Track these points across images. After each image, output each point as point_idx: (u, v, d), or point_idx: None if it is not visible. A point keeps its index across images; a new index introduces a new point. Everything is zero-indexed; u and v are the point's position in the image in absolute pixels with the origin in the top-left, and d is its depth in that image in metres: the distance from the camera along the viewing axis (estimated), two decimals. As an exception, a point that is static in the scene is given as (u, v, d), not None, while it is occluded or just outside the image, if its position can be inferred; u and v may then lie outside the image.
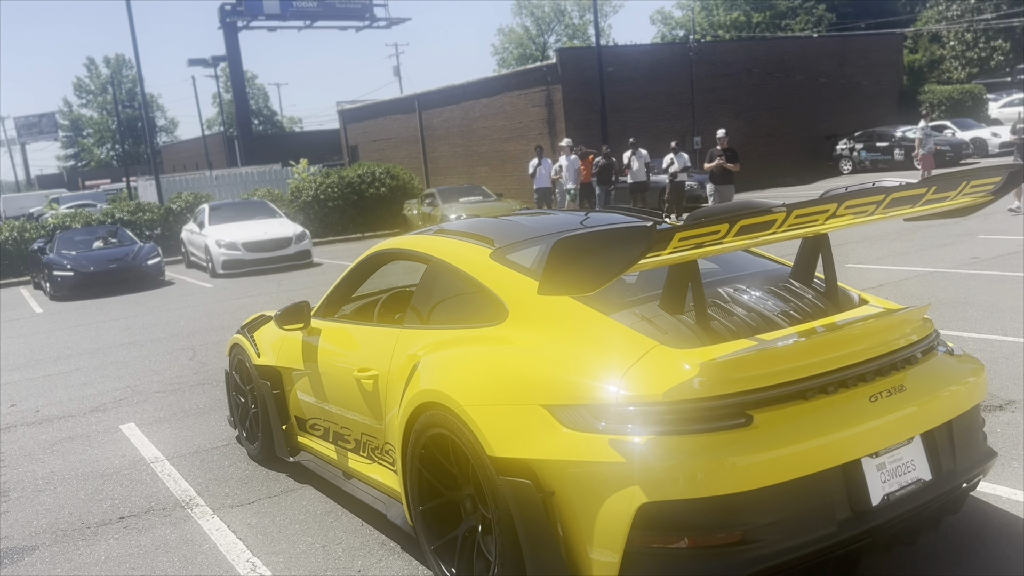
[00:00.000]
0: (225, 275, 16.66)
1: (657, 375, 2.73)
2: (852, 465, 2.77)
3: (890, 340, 3.01)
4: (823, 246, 3.39)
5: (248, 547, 4.04)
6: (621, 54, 29.40)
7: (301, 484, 4.84)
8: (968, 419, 3.14)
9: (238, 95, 47.46)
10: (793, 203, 2.76)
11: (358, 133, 38.93)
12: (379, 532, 4.07)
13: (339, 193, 23.61)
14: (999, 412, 4.78)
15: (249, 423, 5.36)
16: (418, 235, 4.34)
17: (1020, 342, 6.18)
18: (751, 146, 29.78)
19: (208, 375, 7.89)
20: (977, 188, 3.20)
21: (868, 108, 32.83)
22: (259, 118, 78.03)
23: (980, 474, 3.20)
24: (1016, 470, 4.02)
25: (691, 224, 2.58)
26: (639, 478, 2.60)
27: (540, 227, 3.97)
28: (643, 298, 3.19)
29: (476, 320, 3.46)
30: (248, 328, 5.44)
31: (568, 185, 18.51)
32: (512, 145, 28.64)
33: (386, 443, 3.90)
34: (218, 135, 59.53)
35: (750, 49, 32.66)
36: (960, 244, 11.15)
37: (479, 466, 3.00)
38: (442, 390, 3.21)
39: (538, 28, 69.43)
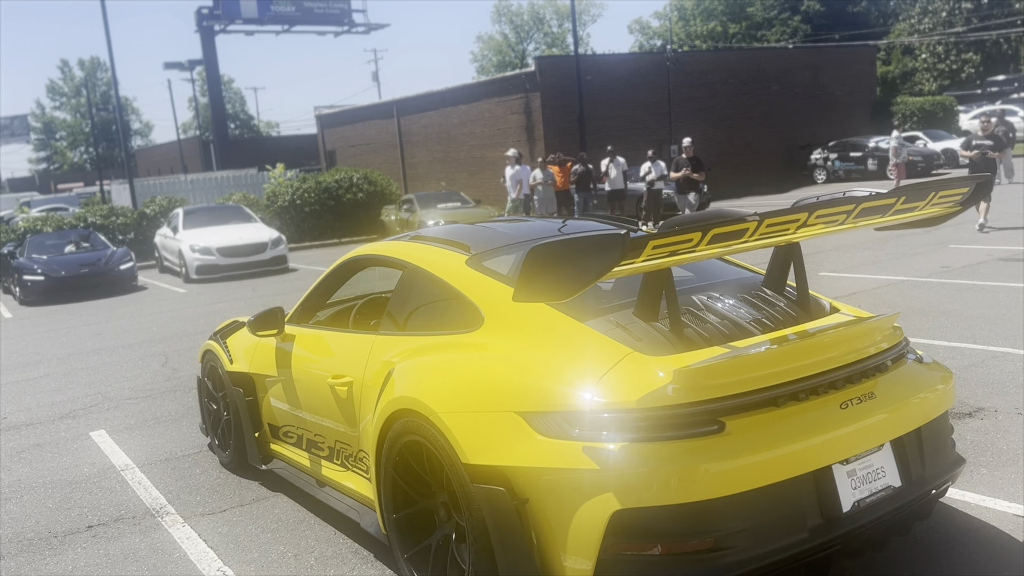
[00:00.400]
0: (199, 280, 16.51)
1: (631, 382, 2.74)
2: (823, 472, 2.79)
3: (860, 348, 3.05)
4: (795, 255, 3.42)
5: (219, 556, 3.99)
6: (599, 63, 29.55)
7: (273, 492, 4.80)
8: (937, 426, 3.18)
9: (214, 99, 47.15)
10: (765, 212, 2.78)
11: (336, 138, 38.79)
12: (352, 541, 4.04)
13: (316, 198, 23.50)
14: (968, 419, 4.84)
15: (221, 430, 5.30)
16: (394, 241, 4.32)
17: (989, 350, 6.27)
18: (728, 155, 30.04)
19: (180, 382, 7.81)
20: (945, 199, 3.25)
21: (842, 118, 33.23)
22: (235, 122, 77.58)
23: (949, 480, 3.24)
24: (984, 476, 4.07)
25: (665, 232, 2.59)
26: (613, 485, 2.61)
27: (516, 234, 3.97)
28: (618, 305, 3.20)
29: (451, 327, 3.46)
30: (221, 334, 5.39)
31: (511, 195, 18.47)
32: (491, 152, 28.67)
33: (360, 450, 3.88)
34: (194, 139, 59.09)
35: (727, 59, 32.96)
36: (931, 253, 11.31)
37: (453, 474, 2.99)
38: (417, 397, 3.20)
39: (517, 36, 69.68)
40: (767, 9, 58.91)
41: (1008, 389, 5.34)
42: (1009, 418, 4.83)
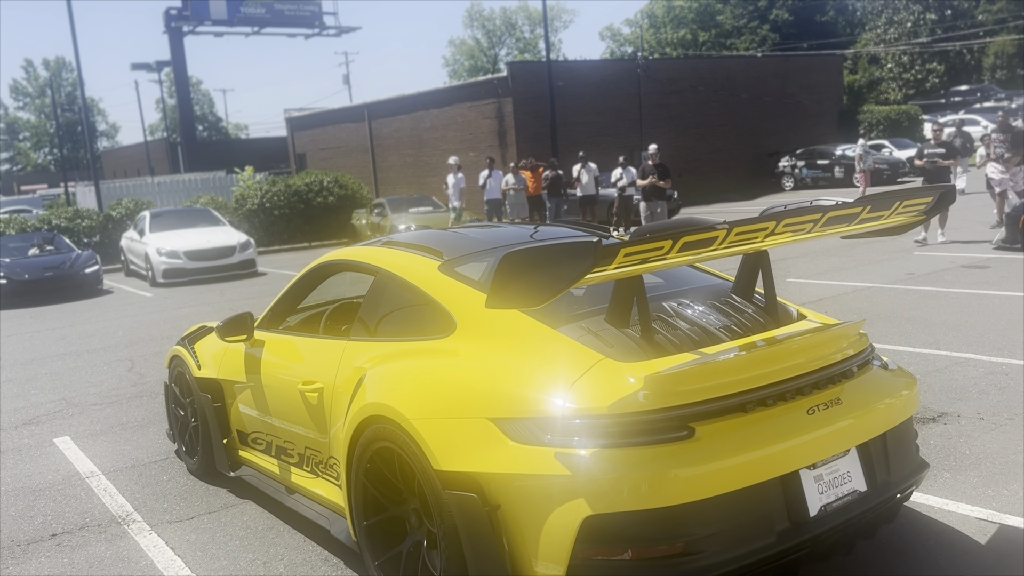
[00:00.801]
0: (166, 284, 16.31)
1: (603, 388, 2.76)
2: (790, 477, 2.83)
3: (827, 354, 3.09)
4: (763, 262, 3.47)
5: (187, 564, 3.94)
6: (571, 69, 29.68)
7: (242, 499, 4.75)
8: (902, 431, 3.24)
9: (182, 101, 46.66)
10: (734, 221, 2.82)
11: (306, 141, 38.54)
12: (322, 548, 4.01)
13: (286, 201, 23.32)
14: (932, 424, 4.93)
15: (189, 437, 5.24)
16: (366, 246, 4.31)
17: (952, 356, 6.39)
18: (697, 162, 30.31)
19: (147, 387, 7.70)
20: (910, 208, 3.32)
21: (810, 127, 33.68)
22: (203, 124, 76.80)
23: (913, 485, 3.30)
24: (948, 481, 4.15)
25: (636, 240, 2.62)
26: (584, 491, 2.62)
27: (489, 240, 3.98)
28: (590, 312, 3.22)
29: (424, 333, 3.45)
30: (189, 339, 5.33)
31: (454, 203, 18.32)
32: (463, 156, 28.54)
33: (330, 457, 3.85)
34: (161, 141, 58.40)
35: (696, 67, 33.27)
36: (896, 260, 11.50)
37: (425, 480, 2.99)
38: (388, 403, 3.19)
39: (489, 41, 69.76)
40: (736, 18, 59.59)
41: (971, 394, 5.45)
42: (971, 423, 4.92)
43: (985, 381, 5.71)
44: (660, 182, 15.30)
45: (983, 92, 42.99)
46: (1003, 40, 50.44)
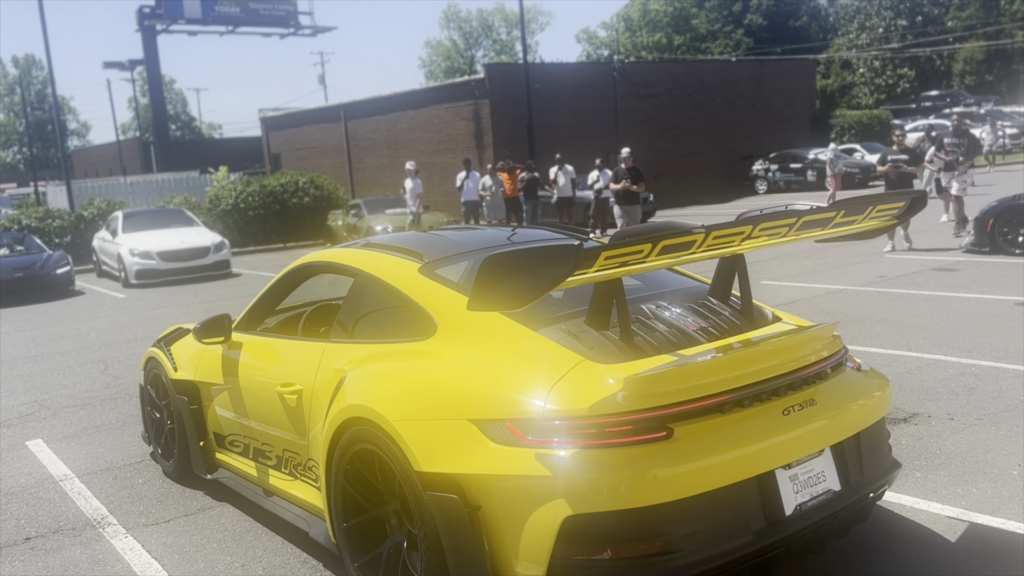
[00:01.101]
0: (139, 285, 16.14)
1: (583, 390, 2.79)
2: (766, 476, 2.87)
3: (802, 356, 3.14)
4: (739, 265, 3.52)
5: (164, 567, 3.92)
6: (548, 71, 29.76)
7: (219, 502, 4.73)
8: (874, 432, 3.30)
9: (155, 100, 46.17)
10: (711, 225, 2.86)
11: (281, 141, 38.29)
12: (300, 550, 4.01)
13: (260, 202, 23.18)
14: (904, 424, 5.02)
15: (165, 439, 5.21)
16: (345, 248, 4.31)
17: (923, 357, 6.50)
18: (672, 165, 30.50)
19: (120, 389, 7.63)
20: (882, 212, 3.38)
21: (783, 130, 34.01)
22: (176, 123, 76.06)
23: (886, 484, 3.36)
24: (919, 480, 4.23)
25: (616, 243, 2.65)
26: (564, 491, 2.65)
27: (469, 242, 4.00)
28: (569, 314, 3.25)
29: (404, 335, 3.46)
30: (165, 341, 5.30)
31: (411, 208, 18.17)
32: (440, 158, 28.63)
33: (309, 459, 3.85)
34: (133, 140, 57.75)
35: (672, 71, 33.49)
36: (867, 263, 11.66)
37: (406, 482, 3.00)
38: (369, 405, 3.20)
39: (466, 42, 69.75)
40: (711, 22, 60.07)
41: (941, 395, 5.55)
42: (941, 423, 5.02)
43: (955, 382, 5.82)
44: (633, 186, 15.11)
45: (952, 97, 43.68)
46: (972, 46, 51.31)
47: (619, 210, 15.50)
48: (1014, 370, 5.97)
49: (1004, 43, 50.59)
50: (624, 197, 15.26)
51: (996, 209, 11.49)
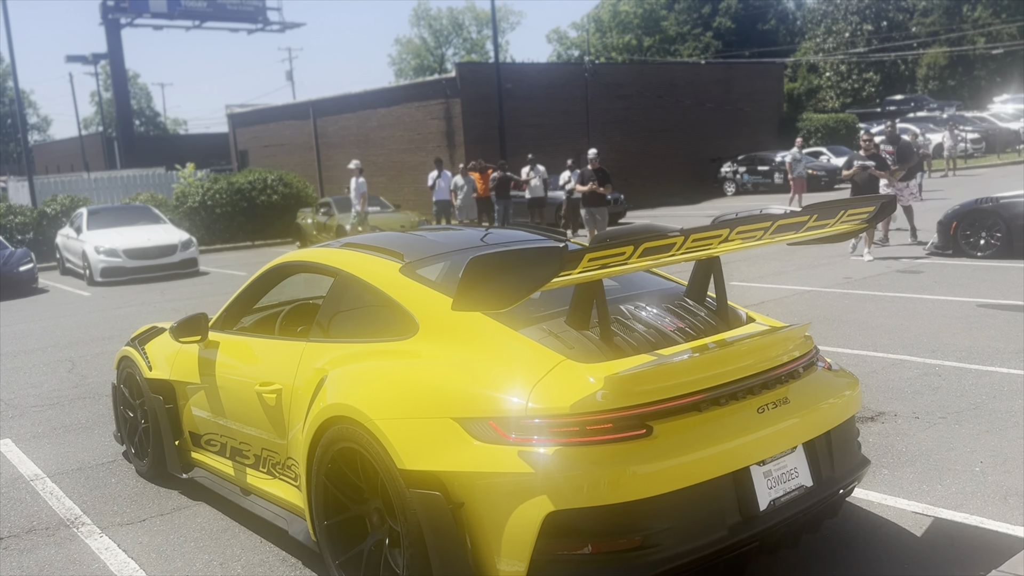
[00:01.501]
0: (104, 283, 15.91)
1: (564, 388, 2.84)
2: (742, 472, 2.95)
3: (775, 356, 3.23)
4: (715, 268, 3.60)
5: (141, 566, 3.91)
6: (519, 71, 29.83)
7: (195, 501, 4.72)
8: (845, 429, 3.40)
9: (119, 95, 45.45)
10: (690, 228, 2.93)
11: (248, 138, 37.91)
12: (279, 549, 4.01)
13: (228, 199, 22.99)
14: (871, 423, 5.15)
15: (138, 439, 5.17)
16: (325, 248, 4.32)
17: (889, 357, 6.65)
18: (642, 166, 30.74)
19: (89, 388, 7.55)
20: (853, 217, 3.48)
21: (751, 133, 34.43)
22: (141, 119, 74.96)
23: (855, 481, 3.46)
24: (886, 477, 4.35)
25: (599, 246, 2.71)
26: (547, 487, 2.70)
27: (449, 243, 4.04)
28: (550, 314, 3.31)
29: (385, 334, 3.49)
30: (139, 340, 5.27)
31: (356, 208, 17.69)
32: (410, 156, 28.58)
33: (289, 458, 3.86)
34: (96, 135, 56.82)
35: (642, 72, 33.77)
36: (834, 265, 11.87)
37: (389, 479, 3.03)
38: (352, 404, 3.22)
39: (436, 40, 69.60)
40: (680, 24, 60.60)
41: (906, 395, 5.70)
42: (907, 422, 5.16)
43: (919, 382, 5.97)
44: (600, 188, 14.58)
45: (916, 102, 44.56)
46: (935, 52, 52.35)
47: (586, 213, 14.88)
48: (976, 370, 6.14)
49: (966, 49, 51.70)
50: (591, 199, 14.76)
51: (959, 212, 11.76)
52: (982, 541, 3.61)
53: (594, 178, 14.66)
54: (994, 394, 5.57)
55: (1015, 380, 5.84)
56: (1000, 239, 11.16)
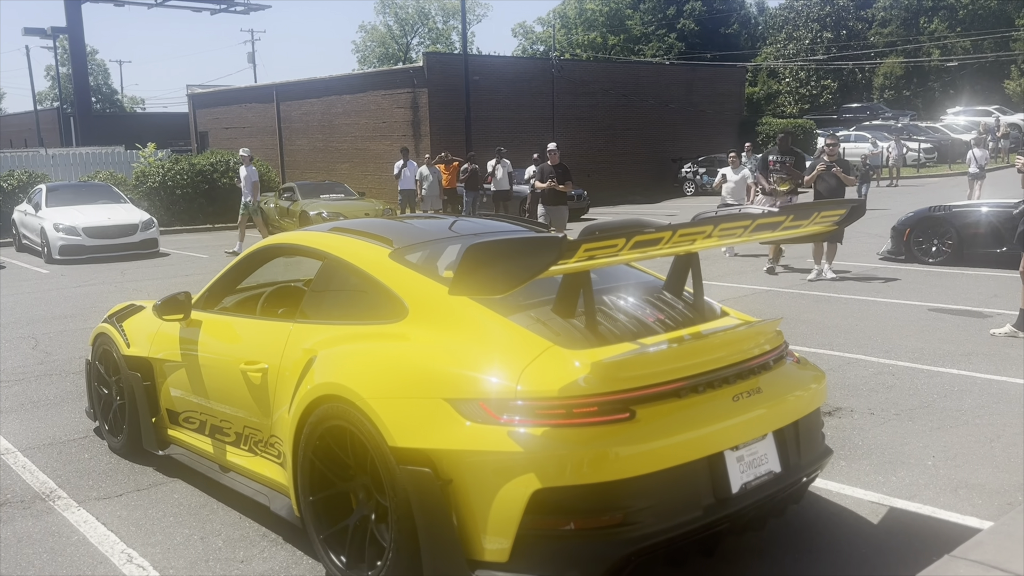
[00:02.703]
0: (62, 261, 15.63)
1: (552, 373, 2.98)
2: (716, 457, 3.12)
3: (749, 348, 3.41)
4: (694, 263, 3.77)
5: (121, 539, 3.96)
6: (487, 64, 29.88)
7: (170, 478, 4.76)
8: (811, 420, 3.59)
9: (78, 71, 44.27)
10: (677, 223, 3.08)
11: (209, 119, 37.37)
12: (259, 524, 4.09)
13: (189, 181, 22.70)
14: (829, 417, 5.38)
15: (113, 415, 5.19)
16: (313, 231, 4.40)
17: (844, 356, 6.92)
18: (606, 163, 31.02)
19: (55, 365, 7.48)
20: (826, 218, 3.68)
21: (712, 135, 34.91)
22: (98, 96, 73.26)
23: (819, 469, 3.66)
24: (844, 468, 4.57)
25: (593, 237, 2.84)
26: (534, 466, 2.84)
27: (436, 231, 4.14)
28: (537, 302, 3.43)
29: (375, 317, 3.58)
30: (116, 317, 5.27)
31: (247, 198, 16.50)
32: (375, 144, 28.45)
33: (272, 436, 3.93)
34: (52, 111, 55.36)
35: (608, 71, 34.04)
36: (792, 267, 12.18)
37: (379, 456, 3.13)
38: (343, 383, 3.31)
39: (402, 29, 69.14)
40: (645, 24, 61.12)
41: (862, 391, 5.95)
42: (863, 417, 5.40)
43: (874, 380, 6.23)
44: (560, 186, 13.14)
45: (872, 110, 45.62)
46: (892, 62, 53.61)
47: (543, 211, 13.31)
48: (928, 370, 6.43)
49: (922, 60, 53.05)
50: (550, 197, 13.35)
51: (912, 219, 12.17)
52: (934, 529, 3.84)
53: (553, 174, 13.31)
54: (944, 393, 5.85)
55: (964, 381, 6.14)
56: (951, 246, 11.59)
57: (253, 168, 16.81)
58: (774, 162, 11.70)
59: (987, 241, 11.26)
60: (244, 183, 16.67)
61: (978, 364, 6.57)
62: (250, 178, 16.56)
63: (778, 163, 11.68)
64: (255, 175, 16.72)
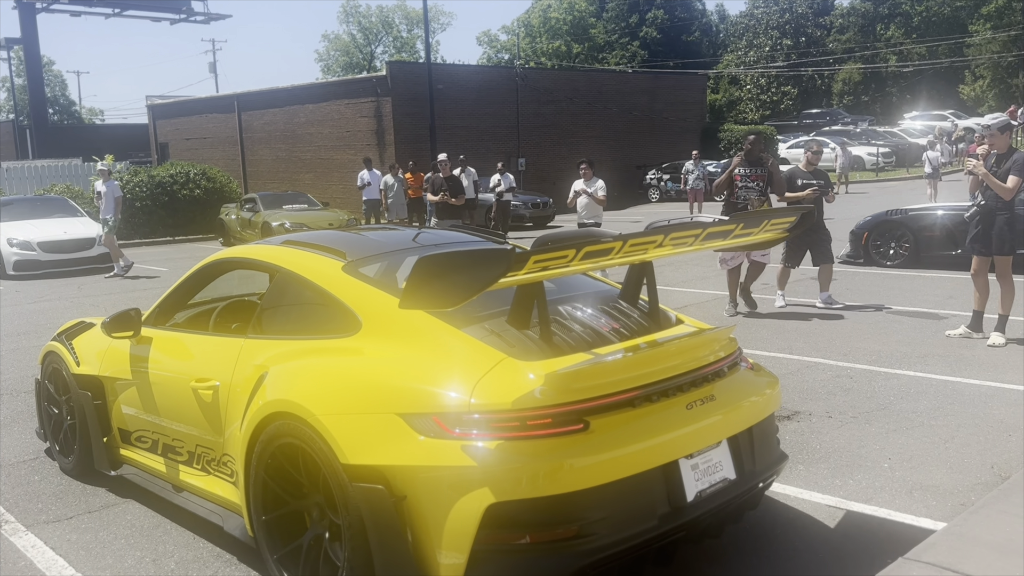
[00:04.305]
0: (17, 277, 15.29)
1: (506, 385, 2.95)
2: (671, 465, 3.11)
3: (703, 356, 3.42)
4: (648, 272, 3.77)
5: (70, 563, 3.86)
6: (451, 72, 29.88)
7: (123, 499, 4.65)
8: (766, 426, 3.61)
9: (33, 82, 43.53)
10: (627, 233, 3.08)
11: (169, 130, 36.90)
12: (213, 545, 4.01)
13: (148, 193, 22.43)
14: (787, 421, 5.42)
15: (64, 435, 5.06)
16: (264, 245, 4.34)
17: (803, 360, 6.99)
18: (571, 172, 30.97)
19: (6, 385, 7.30)
20: (776, 226, 3.70)
21: (675, 142, 35.19)
22: (55, 107, 72.02)
23: (774, 474, 3.68)
24: (801, 472, 4.60)
25: (543, 248, 2.83)
26: (488, 480, 2.81)
27: (390, 242, 4.11)
28: (491, 313, 3.41)
29: (327, 331, 3.54)
30: (66, 335, 5.15)
31: (106, 215, 15.16)
32: (339, 154, 28.29)
33: (225, 455, 3.86)
34: (7, 123, 54.31)
35: (572, 79, 34.21)
36: (754, 271, 12.30)
37: (331, 474, 3.08)
38: (294, 400, 3.26)
39: (365, 38, 68.94)
40: (608, 33, 61.61)
41: (820, 395, 6.01)
42: (821, 421, 5.45)
43: (832, 383, 6.30)
44: (452, 199, 12.66)
45: (831, 116, 46.38)
46: (850, 68, 54.57)
47: (436, 223, 12.54)
48: (886, 373, 6.51)
49: (879, 67, 54.06)
50: (443, 211, 12.82)
51: (870, 223, 12.36)
52: (890, 531, 3.87)
53: (445, 187, 12.77)
54: (901, 396, 5.93)
55: (920, 383, 6.22)
56: (908, 249, 11.78)
57: (114, 183, 15.64)
58: (741, 176, 9.01)
59: (943, 244, 11.45)
60: (104, 200, 15.28)
61: (934, 366, 6.67)
62: (111, 193, 15.25)
63: (747, 176, 8.98)
64: (117, 190, 15.46)
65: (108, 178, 15.54)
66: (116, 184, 15.68)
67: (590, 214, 12.05)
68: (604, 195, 12.04)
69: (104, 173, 15.61)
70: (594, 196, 11.70)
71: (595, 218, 11.95)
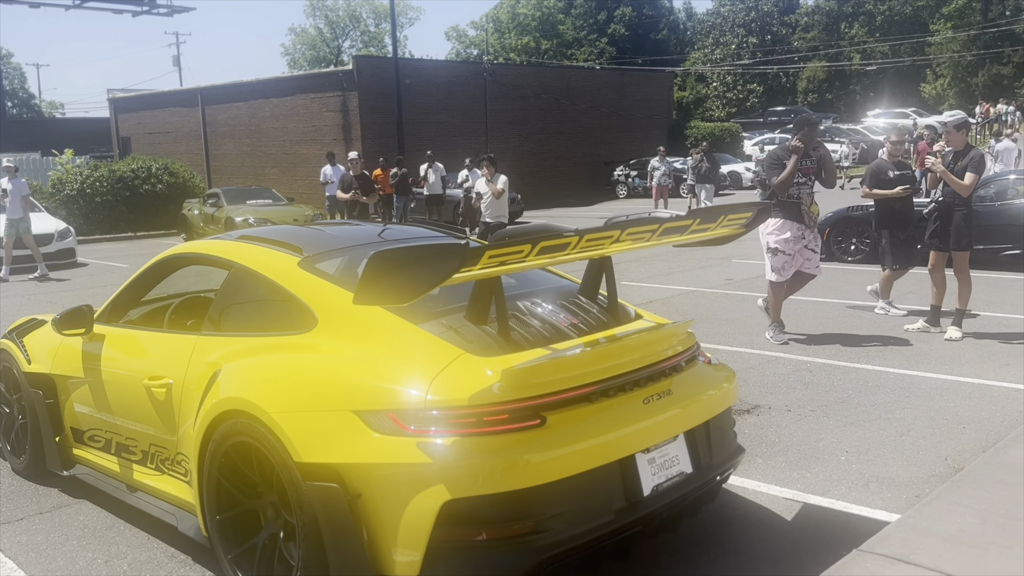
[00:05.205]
0: (-28, 273, 14.92)
1: (463, 381, 2.94)
2: (627, 460, 3.12)
3: (660, 351, 3.43)
4: (607, 267, 3.77)
5: (20, 566, 3.77)
6: (419, 67, 29.75)
7: (76, 499, 4.56)
8: (722, 420, 3.63)
9: (-10, 73, 42.58)
10: (584, 229, 3.08)
11: (131, 124, 36.29)
12: (167, 545, 3.94)
13: (109, 188, 22.04)
14: (747, 415, 5.46)
15: (15, 435, 4.95)
16: (219, 240, 4.26)
17: (764, 354, 7.05)
18: (539, 167, 31.17)
19: (-42, 383, 7.11)
20: (733, 221, 3.72)
21: (642, 138, 35.41)
22: (13, 100, 70.53)
23: (731, 468, 3.71)
24: (760, 466, 4.64)
25: (498, 243, 2.81)
26: (444, 477, 2.79)
27: (348, 238, 4.06)
28: (449, 309, 3.39)
29: (283, 328, 3.49)
30: (17, 333, 5.04)
31: (11, 214, 14.21)
32: (304, 148, 28.03)
33: (179, 454, 3.80)
34: (-37, 116, 53.02)
35: (540, 75, 34.26)
36: (717, 267, 12.42)
37: (285, 473, 3.04)
38: (247, 398, 3.22)
39: (332, 32, 68.39)
40: (577, 29, 61.73)
41: (780, 389, 6.07)
42: (780, 415, 5.50)
43: (792, 377, 6.36)
44: (364, 198, 12.36)
45: (796, 113, 46.81)
46: (815, 67, 55.21)
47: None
48: (844, 367, 6.60)
49: (843, 65, 54.75)
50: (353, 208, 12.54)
51: (832, 219, 12.51)
52: (846, 523, 3.92)
53: (356, 185, 12.49)
54: (860, 389, 6.00)
55: (878, 376, 6.31)
56: (869, 245, 11.94)
57: (21, 180, 14.60)
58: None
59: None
60: (10, 199, 14.27)
61: (892, 359, 6.77)
62: (19, 191, 14.28)
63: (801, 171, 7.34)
64: (25, 188, 14.49)
65: (14, 175, 14.73)
66: (23, 182, 14.90)
67: (494, 213, 11.72)
68: (503, 187, 11.61)
69: (10, 170, 14.75)
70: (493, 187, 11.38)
71: (498, 217, 11.68)
